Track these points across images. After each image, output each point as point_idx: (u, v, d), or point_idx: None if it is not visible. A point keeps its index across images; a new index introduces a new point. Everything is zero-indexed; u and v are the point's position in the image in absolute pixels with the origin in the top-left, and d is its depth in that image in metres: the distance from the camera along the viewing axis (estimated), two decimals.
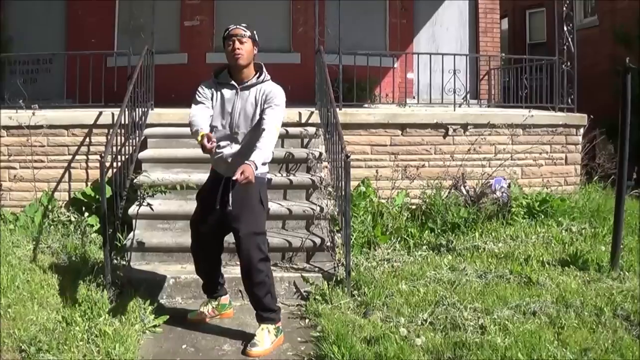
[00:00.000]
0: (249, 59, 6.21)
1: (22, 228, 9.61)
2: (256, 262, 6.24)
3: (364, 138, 10.62)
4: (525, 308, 6.81)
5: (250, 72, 6.29)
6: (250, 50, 6.20)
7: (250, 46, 6.20)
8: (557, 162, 11.69)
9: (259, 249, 6.26)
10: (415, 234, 9.51)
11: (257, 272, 6.26)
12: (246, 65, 6.22)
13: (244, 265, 6.34)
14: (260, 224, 6.35)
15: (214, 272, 6.88)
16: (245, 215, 6.23)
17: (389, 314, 6.77)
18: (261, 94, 6.23)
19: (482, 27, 15.81)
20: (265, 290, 6.34)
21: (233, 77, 6.29)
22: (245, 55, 6.15)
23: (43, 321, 6.40)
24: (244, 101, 6.25)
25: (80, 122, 10.31)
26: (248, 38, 6.16)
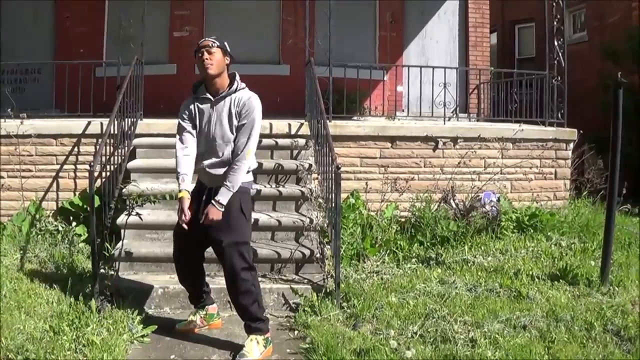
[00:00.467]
0: (219, 69, 6.20)
1: (9, 237, 9.54)
2: (239, 271, 6.22)
3: (353, 150, 10.60)
4: (515, 322, 6.80)
5: (223, 83, 6.28)
6: (221, 60, 6.20)
7: (220, 56, 6.20)
8: (546, 177, 11.70)
9: (242, 258, 6.24)
10: (404, 247, 9.49)
11: (241, 281, 6.24)
12: (217, 75, 6.21)
13: (227, 275, 6.32)
14: (242, 234, 6.33)
15: (197, 281, 6.84)
16: (226, 226, 6.22)
17: (379, 326, 6.73)
18: (235, 104, 6.23)
19: (472, 41, 15.81)
20: (251, 299, 6.30)
21: (208, 89, 6.32)
22: (214, 64, 6.15)
23: (30, 330, 6.33)
24: (219, 113, 6.26)
25: (68, 132, 10.26)
26: (217, 48, 6.18)
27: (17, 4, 14.44)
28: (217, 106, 6.26)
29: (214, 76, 6.19)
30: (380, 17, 15.28)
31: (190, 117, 6.42)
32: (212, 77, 6.20)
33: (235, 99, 6.23)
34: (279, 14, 14.59)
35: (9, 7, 14.45)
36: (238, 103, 6.21)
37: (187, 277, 6.77)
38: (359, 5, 14.85)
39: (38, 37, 14.40)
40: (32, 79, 13.99)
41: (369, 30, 15.22)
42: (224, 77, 6.28)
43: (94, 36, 14.14)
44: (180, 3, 14.36)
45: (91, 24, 14.21)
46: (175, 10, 14.37)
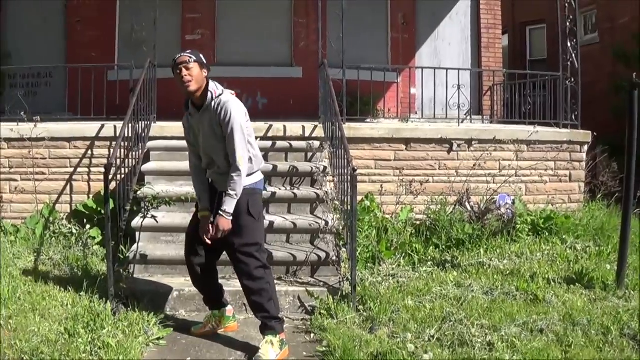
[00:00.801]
0: (199, 83, 6.19)
1: (23, 240, 9.58)
2: (253, 270, 6.26)
3: (367, 152, 10.57)
4: (532, 325, 6.74)
5: (204, 95, 6.26)
6: (199, 74, 6.18)
7: (199, 70, 6.19)
8: (561, 179, 11.62)
9: (254, 257, 6.27)
10: (420, 250, 9.45)
11: (255, 280, 6.27)
12: (198, 90, 6.22)
13: (241, 276, 6.36)
14: (253, 235, 6.34)
15: (209, 283, 6.82)
16: (235, 229, 6.25)
17: (396, 329, 6.68)
18: (215, 111, 6.21)
19: (484, 43, 15.75)
20: (267, 296, 6.31)
21: (193, 103, 6.38)
22: (194, 80, 6.15)
23: (45, 333, 6.29)
24: (204, 125, 6.30)
25: (82, 135, 10.28)
26: (194, 62, 6.17)
27: (28, 9, 14.47)
28: (202, 120, 6.30)
29: (195, 91, 6.20)
30: (392, 18, 15.26)
31: (188, 134, 6.61)
32: (194, 93, 6.21)
33: (215, 107, 6.22)
34: (290, 16, 14.58)
35: (20, 12, 14.49)
36: (217, 109, 6.20)
37: (199, 279, 6.75)
38: (371, 7, 14.81)
39: (49, 41, 14.39)
40: (44, 83, 14.02)
41: (381, 32, 15.19)
42: (206, 89, 6.27)
43: (106, 40, 14.12)
44: (192, 6, 14.36)
45: (102, 27, 14.21)
46: (186, 14, 14.35)
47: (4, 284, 7.43)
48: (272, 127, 10.41)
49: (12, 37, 14.38)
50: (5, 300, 7.05)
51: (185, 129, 6.64)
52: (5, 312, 6.71)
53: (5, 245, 9.19)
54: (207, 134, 6.27)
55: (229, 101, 6.20)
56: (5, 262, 8.36)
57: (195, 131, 6.44)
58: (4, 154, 10.24)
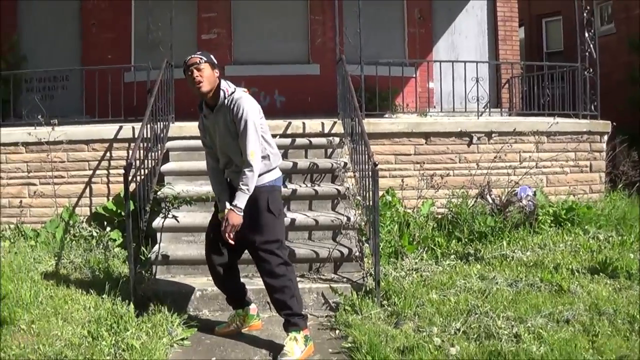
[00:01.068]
0: (211, 84, 6.18)
1: (43, 244, 9.57)
2: (274, 267, 6.21)
3: (387, 147, 10.53)
4: (558, 316, 6.70)
5: (217, 95, 6.23)
6: (211, 75, 6.17)
7: (210, 71, 6.17)
8: (582, 170, 11.59)
9: (275, 255, 6.22)
10: (442, 244, 9.41)
11: (277, 277, 6.23)
12: (211, 90, 6.20)
13: (263, 274, 6.32)
14: (273, 232, 6.29)
15: (231, 282, 6.77)
16: (255, 227, 6.23)
17: (421, 323, 6.63)
18: (229, 110, 6.18)
19: (501, 35, 15.68)
20: (289, 293, 6.26)
21: (207, 104, 6.36)
22: (205, 81, 6.13)
23: (68, 336, 6.27)
24: (219, 125, 6.26)
25: (100, 137, 10.28)
26: (205, 63, 6.15)
27: (43, 12, 14.49)
28: (217, 119, 6.26)
29: (207, 92, 6.18)
30: (409, 13, 15.21)
31: (204, 136, 6.59)
32: (206, 94, 6.20)
33: (228, 105, 6.19)
34: (306, 13, 14.53)
35: (35, 16, 14.52)
36: (229, 110, 6.17)
37: (221, 279, 6.69)
38: (387, 3, 14.76)
39: (64, 45, 14.42)
40: (60, 87, 14.04)
41: (398, 27, 15.14)
42: (217, 89, 6.24)
43: (121, 42, 14.16)
44: (207, 6, 14.35)
45: (118, 29, 14.24)
46: (202, 13, 14.34)
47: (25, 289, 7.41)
48: (291, 125, 10.38)
49: (28, 41, 14.37)
50: (27, 304, 7.02)
51: (201, 131, 6.63)
52: (27, 317, 6.70)
53: (26, 249, 9.16)
54: (222, 133, 6.24)
55: (242, 98, 6.16)
56: (26, 267, 8.34)
57: (210, 132, 6.42)
58: (22, 158, 10.25)
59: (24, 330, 6.43)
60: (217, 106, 6.21)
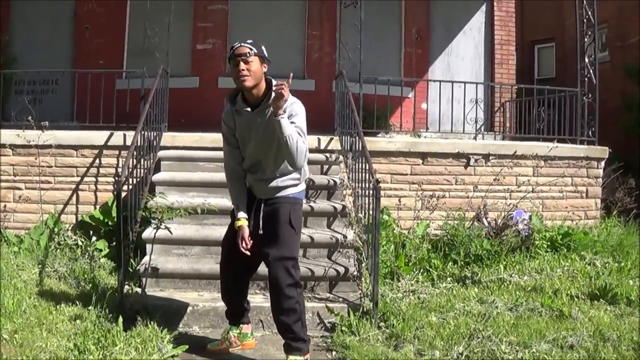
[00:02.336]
0: (256, 79, 5.71)
1: (26, 251, 9.29)
2: (284, 287, 5.86)
3: (383, 166, 10.35)
4: (562, 342, 6.58)
5: (260, 92, 5.81)
6: (258, 69, 5.69)
7: (258, 65, 5.69)
8: (578, 196, 11.50)
9: (288, 274, 5.88)
10: (438, 266, 9.25)
11: (285, 298, 5.89)
12: (254, 86, 5.74)
13: (272, 291, 5.98)
14: (290, 248, 5.95)
15: (241, 295, 6.46)
16: (273, 238, 5.90)
17: (421, 347, 6.46)
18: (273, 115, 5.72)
19: (497, 59, 15.57)
20: (295, 317, 5.94)
21: (245, 100, 5.87)
22: (251, 76, 5.65)
23: (53, 348, 5.97)
24: (261, 125, 5.81)
25: (90, 143, 10.04)
26: (254, 56, 5.66)
27: (36, 14, 14.25)
28: (258, 118, 5.81)
29: (250, 88, 5.73)
30: (406, 33, 15.10)
31: (232, 131, 6.03)
32: (249, 89, 5.74)
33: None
34: (304, 28, 14.37)
35: (27, 17, 14.30)
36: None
37: (230, 292, 6.40)
38: (385, 21, 14.63)
39: (56, 48, 14.18)
40: (50, 90, 13.80)
41: (394, 46, 15.02)
42: (262, 85, 5.81)
43: (114, 48, 13.93)
44: (204, 15, 14.16)
45: (111, 35, 14.01)
46: (198, 23, 14.15)
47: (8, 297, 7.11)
48: None
49: (19, 42, 14.16)
50: (10, 313, 6.73)
51: (228, 128, 6.04)
52: (10, 326, 6.40)
53: (9, 256, 8.86)
54: (262, 135, 5.83)
55: (295, 103, 5.80)
56: (9, 274, 8.04)
57: (243, 131, 5.93)
58: (9, 161, 10.00)
59: (6, 340, 6.11)
60: (261, 106, 5.79)
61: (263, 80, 5.80)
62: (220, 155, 6.40)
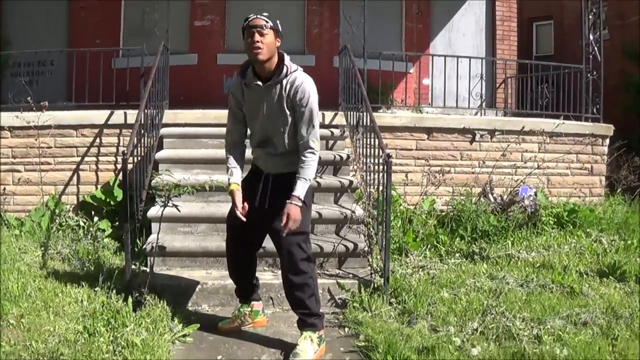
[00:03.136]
0: (270, 53, 5.59)
1: (28, 233, 9.17)
2: (298, 262, 5.75)
3: (388, 142, 10.05)
4: (575, 318, 6.47)
5: (273, 67, 5.68)
6: (272, 43, 5.59)
7: (272, 38, 5.59)
8: (582, 172, 11.46)
9: (300, 248, 5.77)
10: (445, 241, 9.17)
11: (299, 273, 5.78)
12: (267, 60, 5.61)
13: (284, 267, 5.86)
14: (302, 224, 5.79)
15: (249, 273, 6.36)
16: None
17: (435, 323, 6.35)
18: (286, 90, 5.68)
19: (499, 35, 15.46)
20: (309, 292, 5.85)
21: (257, 74, 5.73)
22: (265, 49, 5.53)
23: (62, 332, 5.84)
24: (271, 101, 5.72)
25: (90, 122, 9.92)
26: (270, 29, 5.55)
27: None
28: (269, 93, 5.70)
29: (263, 61, 5.61)
30: (407, 8, 14.94)
31: (239, 104, 5.95)
32: (262, 63, 5.62)
33: (287, 84, 5.67)
34: (304, 3, 14.19)
35: None
36: (290, 87, 5.66)
37: (239, 269, 6.29)
38: None
39: (51, 30, 14.03)
40: (47, 71, 13.65)
41: (395, 22, 14.83)
42: (274, 59, 5.69)
43: (110, 27, 13.74)
44: None
45: (107, 14, 13.80)
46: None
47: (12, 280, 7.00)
48: None
49: (12, 24, 14.00)
50: (15, 297, 6.60)
51: (236, 99, 5.95)
52: (16, 311, 6.27)
53: (10, 239, 8.75)
54: (272, 111, 5.73)
55: (306, 81, 5.71)
56: (12, 258, 7.91)
57: (252, 105, 5.83)
58: (7, 143, 9.87)
59: (13, 325, 5.98)
60: (272, 81, 5.68)
61: (276, 55, 5.69)
62: (224, 132, 6.28)
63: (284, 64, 5.68)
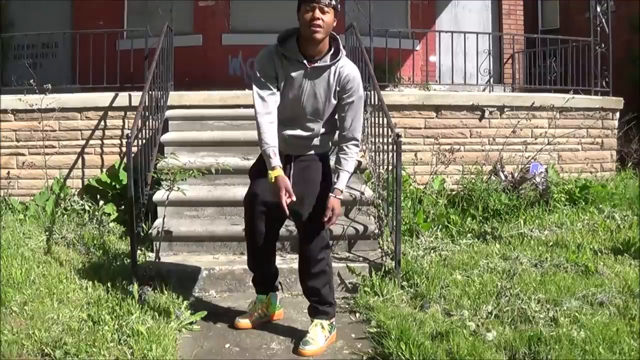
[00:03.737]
0: (327, 33, 5.15)
1: (32, 218, 9.06)
2: (318, 251, 5.59)
3: (396, 120, 9.93)
4: (591, 298, 6.33)
5: (324, 48, 5.26)
6: (331, 23, 5.13)
7: (332, 18, 5.11)
8: (593, 147, 11.31)
9: (320, 236, 5.61)
10: (457, 221, 9.04)
11: (317, 261, 5.61)
12: (322, 40, 5.19)
13: (303, 254, 5.69)
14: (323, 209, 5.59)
15: (271, 259, 6.05)
16: (309, 198, 5.52)
17: (448, 306, 6.19)
18: (336, 77, 5.32)
19: (505, 9, 15.34)
20: (324, 280, 5.68)
21: (302, 49, 5.25)
22: (324, 29, 5.08)
23: (66, 320, 5.71)
24: (315, 84, 5.32)
25: (94, 105, 9.79)
26: (331, 8, 5.08)
27: None
28: (313, 75, 5.30)
29: (319, 41, 5.18)
30: None
31: (273, 77, 5.35)
32: (317, 43, 5.19)
33: (336, 71, 5.32)
34: None
35: None
36: (340, 76, 5.32)
37: (261, 258, 5.95)
38: None
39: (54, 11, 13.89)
40: (50, 54, 13.59)
41: None
42: (326, 40, 5.29)
43: (114, 8, 13.61)
44: None
45: None
46: None
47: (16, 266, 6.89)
48: None
49: (15, 6, 13.91)
50: (19, 284, 6.49)
51: (269, 68, 5.32)
52: (19, 298, 6.16)
53: (14, 224, 8.64)
54: (314, 93, 5.34)
55: (355, 69, 5.43)
56: (16, 243, 7.79)
57: (289, 80, 5.31)
58: (10, 126, 9.77)
59: (16, 312, 5.86)
60: (323, 63, 5.30)
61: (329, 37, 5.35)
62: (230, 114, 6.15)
63: (340, 48, 5.36)
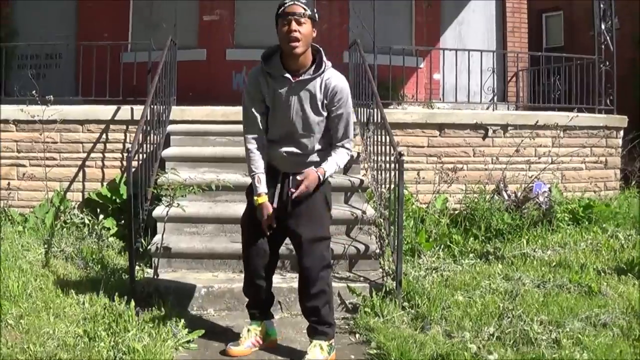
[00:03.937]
0: (306, 45, 5.14)
1: (31, 230, 9.02)
2: (318, 271, 5.50)
3: (400, 139, 9.97)
4: (595, 320, 6.29)
5: (306, 60, 5.25)
6: (309, 34, 5.12)
7: (309, 29, 5.11)
8: (597, 166, 11.29)
9: (322, 257, 5.52)
10: (459, 241, 8.98)
11: (317, 281, 5.51)
12: (303, 53, 5.20)
13: (304, 274, 5.59)
14: (324, 228, 5.59)
15: (269, 284, 5.91)
16: (307, 217, 5.46)
17: (450, 328, 6.13)
18: (322, 89, 5.28)
19: (509, 27, 15.30)
20: (324, 299, 5.58)
21: (286, 65, 5.26)
22: (303, 40, 5.08)
23: (61, 335, 5.66)
24: (302, 98, 5.30)
25: (96, 117, 9.77)
26: (308, 19, 5.09)
27: None
28: (301, 89, 5.29)
29: (299, 55, 5.21)
30: (417, 1, 14.75)
31: (260, 100, 5.42)
32: (298, 56, 5.21)
33: (322, 82, 5.28)
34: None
35: None
36: (327, 88, 5.27)
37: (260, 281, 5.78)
38: None
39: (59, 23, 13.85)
40: (54, 65, 13.60)
41: (405, 16, 14.67)
42: (308, 52, 5.29)
43: (119, 21, 13.61)
44: None
45: (116, 7, 13.64)
46: None
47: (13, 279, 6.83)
48: None
49: (20, 15, 13.91)
50: (15, 297, 6.45)
51: (256, 92, 5.40)
52: (15, 311, 6.11)
53: (13, 235, 8.59)
54: (302, 107, 5.31)
55: (343, 80, 5.36)
56: (14, 255, 7.75)
57: (277, 98, 5.33)
58: (12, 137, 9.76)
59: (11, 326, 5.82)
60: (307, 76, 5.28)
61: (310, 48, 5.30)
62: (232, 129, 6.09)
63: (323, 61, 5.31)
